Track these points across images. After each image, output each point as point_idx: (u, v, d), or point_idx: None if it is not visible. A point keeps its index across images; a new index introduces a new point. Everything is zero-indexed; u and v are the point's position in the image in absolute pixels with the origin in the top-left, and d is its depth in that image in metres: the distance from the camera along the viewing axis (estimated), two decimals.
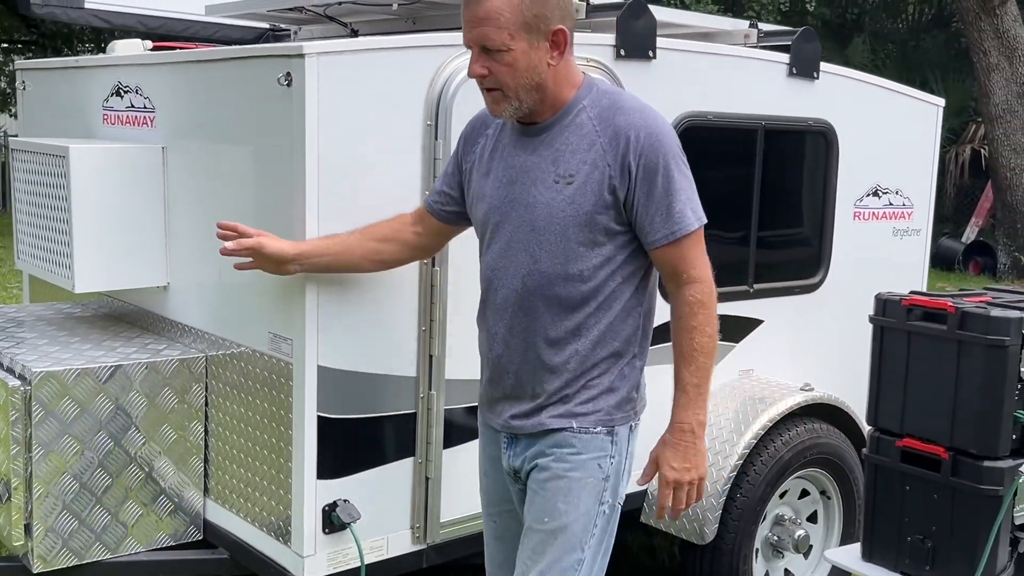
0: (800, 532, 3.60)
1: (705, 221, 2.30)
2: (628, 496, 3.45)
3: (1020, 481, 2.68)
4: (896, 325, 2.87)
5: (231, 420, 2.97)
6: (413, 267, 2.79)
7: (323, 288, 2.65)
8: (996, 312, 2.67)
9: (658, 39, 3.29)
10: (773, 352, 3.81)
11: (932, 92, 17.03)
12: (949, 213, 18.56)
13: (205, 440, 3.06)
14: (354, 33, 3.88)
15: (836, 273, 3.96)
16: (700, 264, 2.28)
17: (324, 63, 2.56)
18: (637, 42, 3.21)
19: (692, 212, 2.26)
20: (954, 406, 2.72)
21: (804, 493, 3.72)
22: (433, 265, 2.82)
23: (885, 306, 2.91)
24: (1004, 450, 2.68)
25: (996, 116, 13.63)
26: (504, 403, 2.39)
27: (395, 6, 3.53)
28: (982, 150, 16.21)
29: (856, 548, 3.01)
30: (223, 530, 3.02)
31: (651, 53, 3.25)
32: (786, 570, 3.70)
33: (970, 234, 15.59)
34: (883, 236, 4.15)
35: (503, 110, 2.24)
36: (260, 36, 4.56)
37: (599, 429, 2.32)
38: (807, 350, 3.91)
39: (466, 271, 2.76)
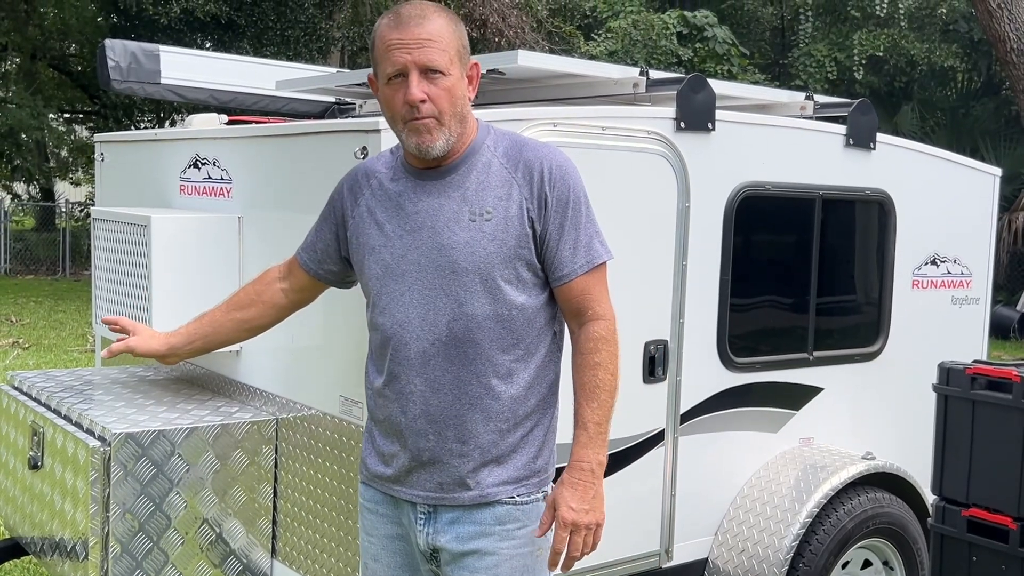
0: None
1: (613, 256, 2.27)
2: (691, 564, 3.49)
3: None
4: (960, 394, 2.88)
5: (300, 482, 3.04)
6: None
7: None
8: None
9: (717, 111, 3.38)
10: (834, 420, 3.82)
11: (983, 159, 17.04)
12: (1003, 281, 18.34)
13: (274, 502, 3.13)
14: None
15: (895, 341, 3.97)
16: (605, 301, 2.23)
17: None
18: (696, 115, 3.30)
19: (601, 245, 2.23)
20: (1021, 475, 2.72)
21: (867, 564, 3.69)
22: None
23: (949, 375, 2.93)
24: None
25: None
26: (421, 472, 2.20)
27: None
28: None
29: None
30: None
31: (710, 125, 3.34)
32: None
33: None
34: (942, 304, 4.16)
35: (436, 140, 2.12)
36: (326, 109, 4.73)
37: (539, 495, 2.24)
38: (867, 418, 3.91)
39: None
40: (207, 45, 15.96)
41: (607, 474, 2.28)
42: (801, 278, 3.69)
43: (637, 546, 3.29)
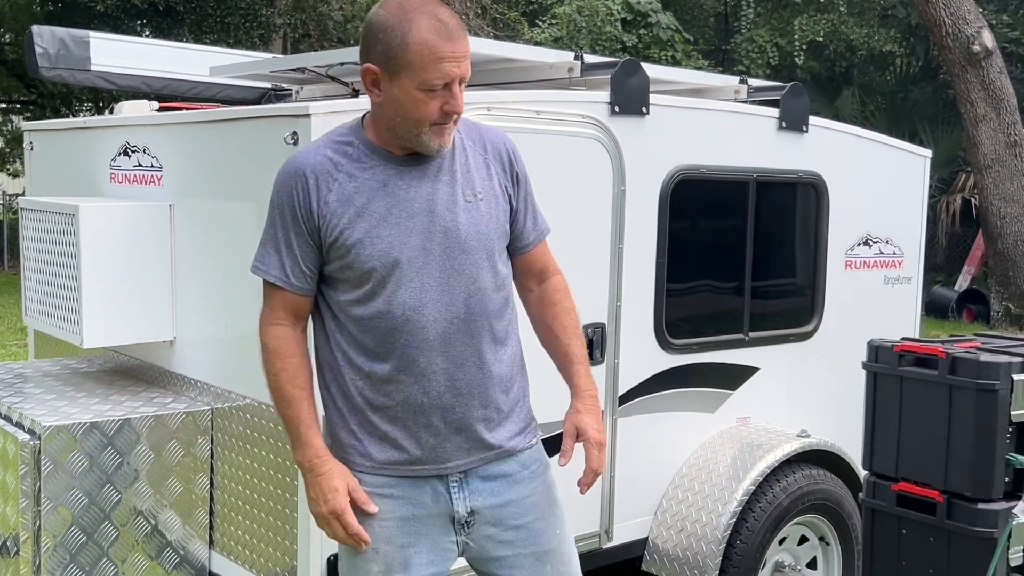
0: None
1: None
2: (631, 544, 3.53)
3: (1014, 523, 2.73)
4: (888, 371, 2.94)
5: (236, 472, 3.01)
6: None
7: None
8: (986, 357, 2.74)
9: (651, 95, 3.40)
10: (770, 399, 3.87)
11: (922, 143, 17.29)
12: (942, 262, 18.73)
13: (211, 492, 3.10)
14: (355, 93, 3.99)
15: (830, 321, 4.04)
16: (554, 261, 2.49)
17: (330, 123, 2.64)
18: (630, 99, 3.31)
19: (542, 214, 2.46)
20: (947, 450, 2.78)
21: (803, 539, 3.75)
22: None
23: (878, 352, 2.98)
24: (997, 492, 2.73)
25: (985, 166, 13.82)
26: (448, 444, 2.25)
27: None
28: (972, 199, 16.41)
29: None
30: None
31: (644, 109, 3.35)
32: None
33: (963, 282, 15.72)
34: (875, 284, 4.23)
35: (448, 141, 2.21)
36: (263, 96, 4.67)
37: (538, 436, 2.41)
38: (803, 397, 3.97)
39: None
40: (146, 32, 15.67)
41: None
42: (736, 260, 3.73)
43: (577, 527, 3.29)
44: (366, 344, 2.22)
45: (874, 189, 4.18)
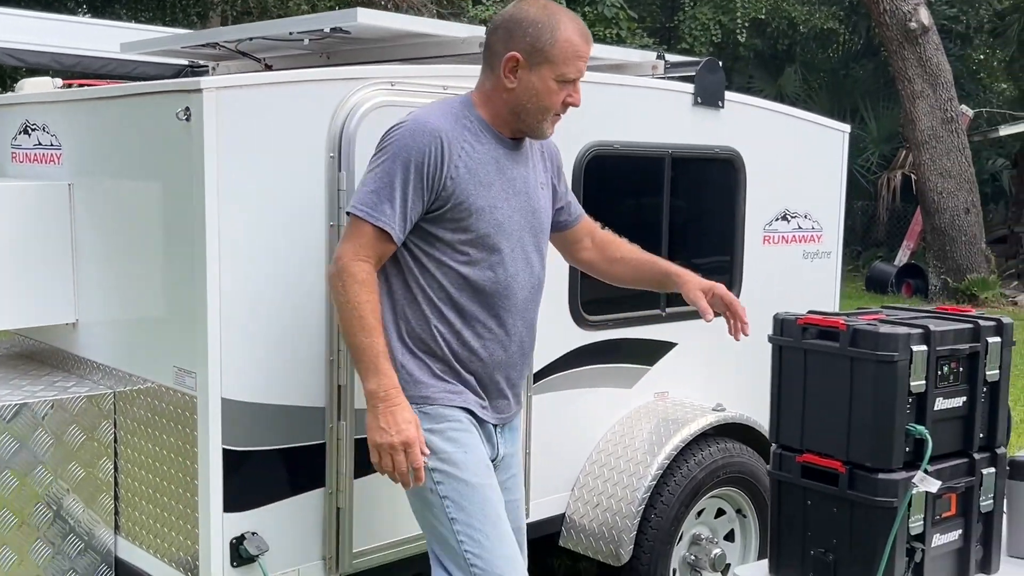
0: (716, 551, 3.66)
1: None
2: (549, 520, 3.53)
3: (914, 492, 2.76)
4: (793, 343, 2.95)
5: (140, 456, 2.96)
6: (319, 297, 2.82)
7: (227, 320, 2.66)
8: (885, 329, 2.76)
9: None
10: (688, 374, 3.88)
11: (863, 120, 17.42)
12: (883, 237, 19.02)
13: (115, 477, 3.05)
14: (268, 68, 3.92)
15: (747, 295, 4.04)
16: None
17: (222, 97, 2.60)
18: None
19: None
20: (849, 421, 2.80)
21: (720, 512, 3.78)
22: None
23: (783, 325, 2.99)
24: (897, 463, 2.75)
25: (922, 142, 14.01)
26: (502, 398, 2.61)
27: (306, 41, 3.58)
28: (912, 175, 16.66)
29: (764, 564, 3.07)
30: (134, 567, 3.00)
31: None
32: None
33: (902, 257, 15.95)
34: (793, 259, 4.26)
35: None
36: (179, 72, 4.58)
37: None
38: (721, 371, 3.99)
39: None
40: (83, 10, 15.27)
41: None
42: (652, 236, 3.72)
43: None
44: (461, 302, 2.48)
45: (792, 164, 4.20)
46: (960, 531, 2.95)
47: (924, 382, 2.78)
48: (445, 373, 2.51)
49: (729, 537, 3.82)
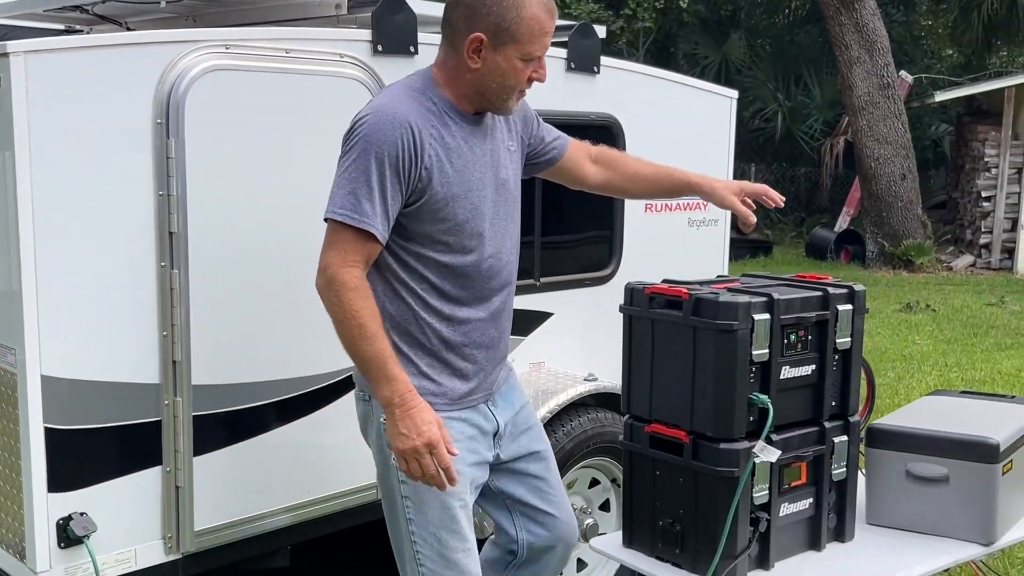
0: (589, 521, 3.63)
1: None
2: None
3: (757, 461, 2.73)
4: (641, 313, 2.90)
5: None
6: (150, 268, 2.73)
7: (44, 295, 2.56)
8: (725, 297, 2.72)
9: (425, 35, 3.28)
10: (564, 344, 3.84)
11: (807, 86, 17.42)
12: (826, 204, 19.12)
13: None
14: (128, 31, 3.79)
15: (629, 264, 4.01)
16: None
17: (33, 62, 2.48)
18: (395, 38, 3.19)
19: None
20: (692, 391, 2.76)
21: (594, 482, 3.76)
22: (172, 267, 2.75)
23: (632, 295, 2.95)
24: (739, 432, 2.72)
25: (860, 108, 14.07)
26: (493, 370, 2.60)
27: (163, 4, 3.46)
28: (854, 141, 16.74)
29: (618, 536, 3.04)
30: None
31: (412, 49, 3.24)
32: (579, 559, 3.73)
33: (842, 223, 16.06)
34: (678, 227, 4.22)
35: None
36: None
37: None
38: (601, 341, 3.94)
39: (210, 273, 2.72)
40: None
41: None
42: (525, 204, 3.62)
43: (366, 479, 3.25)
44: (446, 289, 2.44)
45: (675, 131, 4.14)
46: (811, 500, 2.94)
47: (767, 351, 2.75)
48: (431, 367, 2.46)
49: (605, 507, 3.80)
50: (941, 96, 15.36)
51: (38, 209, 2.53)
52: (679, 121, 4.16)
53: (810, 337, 2.87)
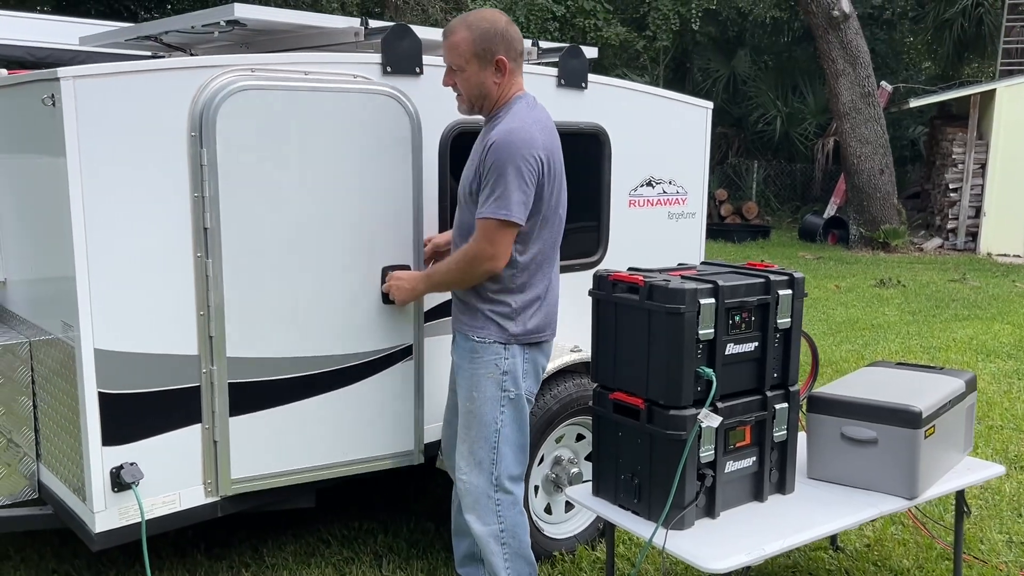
0: (575, 470, 3.51)
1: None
2: (436, 443, 3.38)
3: (703, 426, 2.60)
4: (605, 297, 2.77)
5: (49, 396, 2.84)
6: (188, 258, 2.66)
7: (95, 282, 2.50)
8: (675, 284, 2.57)
9: (428, 57, 3.15)
10: (560, 320, 3.69)
11: (803, 95, 16.88)
12: (818, 194, 18.58)
13: (34, 414, 2.93)
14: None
15: (615, 251, 3.86)
16: None
17: (79, 85, 2.41)
18: (403, 60, 3.07)
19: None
20: (648, 364, 2.63)
21: (580, 436, 3.63)
22: (207, 257, 2.68)
23: (598, 281, 2.81)
24: (687, 400, 2.59)
25: (844, 113, 13.58)
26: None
27: (216, 34, 3.37)
28: (840, 141, 16.18)
29: (588, 486, 2.93)
30: (50, 490, 2.90)
31: (418, 69, 3.11)
32: (567, 502, 3.62)
33: (830, 211, 15.58)
34: (659, 219, 4.04)
35: (460, 108, 2.79)
36: None
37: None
38: (585, 318, 3.79)
39: (240, 262, 2.66)
40: (45, 9, 14.48)
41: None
42: None
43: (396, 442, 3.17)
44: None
45: (656, 137, 3.96)
46: (755, 458, 2.80)
47: (713, 330, 2.60)
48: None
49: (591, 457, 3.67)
50: (916, 103, 14.78)
51: (88, 208, 2.47)
52: (659, 129, 3.98)
53: (753, 318, 2.72)
